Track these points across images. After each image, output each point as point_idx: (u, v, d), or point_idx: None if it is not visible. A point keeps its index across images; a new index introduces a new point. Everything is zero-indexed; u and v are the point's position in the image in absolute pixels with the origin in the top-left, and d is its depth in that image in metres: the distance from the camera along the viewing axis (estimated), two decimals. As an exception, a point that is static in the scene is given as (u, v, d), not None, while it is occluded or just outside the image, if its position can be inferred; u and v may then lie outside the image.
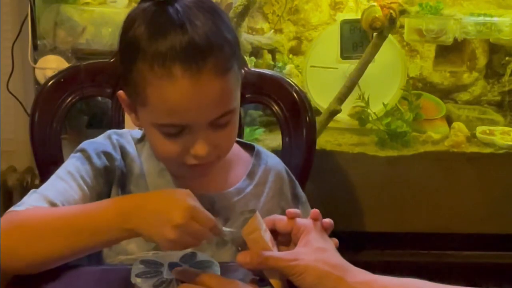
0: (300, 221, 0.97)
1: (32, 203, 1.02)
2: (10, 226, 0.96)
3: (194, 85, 0.98)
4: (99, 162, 1.11)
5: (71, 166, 1.11)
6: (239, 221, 0.95)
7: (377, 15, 2.02)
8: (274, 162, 1.24)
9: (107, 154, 1.13)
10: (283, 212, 1.12)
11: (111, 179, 1.12)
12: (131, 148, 1.16)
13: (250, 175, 1.19)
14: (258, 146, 1.25)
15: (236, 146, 1.20)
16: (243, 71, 1.11)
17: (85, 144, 1.15)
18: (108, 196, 1.11)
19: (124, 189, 1.13)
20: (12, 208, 1.01)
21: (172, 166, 1.12)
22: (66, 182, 1.07)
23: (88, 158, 1.11)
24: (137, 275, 0.95)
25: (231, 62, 1.02)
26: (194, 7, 1.02)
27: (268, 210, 1.16)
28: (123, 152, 1.15)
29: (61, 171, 1.10)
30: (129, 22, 1.04)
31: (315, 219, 0.97)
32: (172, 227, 0.89)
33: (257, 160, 1.22)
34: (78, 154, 1.13)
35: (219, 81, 1.00)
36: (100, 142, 1.15)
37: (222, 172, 1.16)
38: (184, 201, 0.91)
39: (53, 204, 1.02)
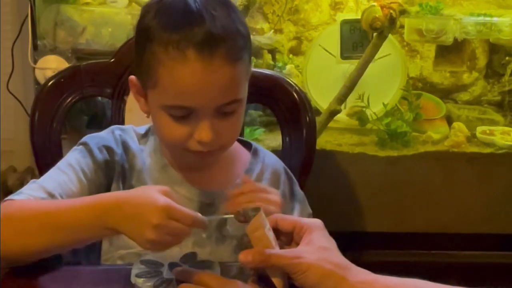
0: (302, 220, 0.98)
1: (30, 192, 1.04)
2: (1, 217, 0.97)
3: (205, 68, 1.00)
4: (100, 155, 1.13)
5: (72, 158, 1.12)
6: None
7: (377, 15, 2.02)
8: (272, 160, 1.25)
9: (109, 149, 1.14)
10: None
11: (111, 173, 1.13)
12: (133, 143, 1.17)
13: (248, 172, 1.20)
14: (255, 144, 1.26)
15: (235, 144, 1.22)
16: (252, 68, 1.12)
17: (87, 138, 1.16)
18: (108, 189, 1.12)
19: (125, 184, 1.14)
20: (10, 196, 1.03)
21: (176, 152, 1.13)
22: (66, 174, 1.09)
23: (89, 151, 1.13)
24: (137, 275, 0.95)
25: (242, 52, 1.05)
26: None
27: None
28: (125, 147, 1.16)
29: (62, 163, 1.12)
30: (147, 8, 1.07)
31: None
32: (151, 229, 0.90)
33: (254, 157, 1.23)
34: (80, 147, 1.14)
35: (230, 68, 1.02)
36: (102, 136, 1.17)
37: (223, 169, 1.18)
38: (159, 200, 0.91)
39: (51, 195, 1.04)
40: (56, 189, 1.05)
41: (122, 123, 1.39)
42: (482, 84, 2.40)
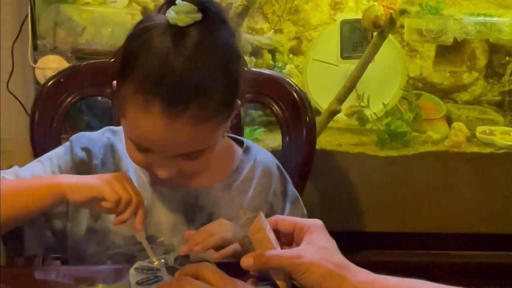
0: (303, 221, 0.97)
1: (3, 175, 1.11)
2: None
3: (168, 126, 0.98)
4: (79, 155, 1.16)
5: (54, 153, 1.18)
6: (242, 221, 0.95)
7: (379, 14, 2.02)
8: (264, 158, 1.23)
9: (89, 151, 1.17)
10: (271, 208, 1.16)
11: (84, 174, 1.14)
12: (121, 146, 1.17)
13: (238, 170, 1.19)
14: (249, 142, 1.25)
15: (228, 141, 1.22)
16: (239, 102, 1.07)
17: (75, 136, 1.19)
18: None
19: None
20: None
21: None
22: (43, 166, 1.15)
23: (71, 149, 1.17)
24: (139, 283, 0.95)
25: (216, 111, 1.00)
26: (207, 44, 0.99)
27: (255, 206, 1.17)
28: (112, 150, 1.17)
29: (45, 155, 1.18)
30: (142, 31, 1.02)
31: None
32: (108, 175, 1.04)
33: (245, 155, 1.21)
34: (67, 143, 1.19)
35: (194, 130, 0.99)
36: (89, 137, 1.19)
37: (211, 166, 1.15)
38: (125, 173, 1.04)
39: None
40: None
41: (122, 123, 1.39)
42: (482, 84, 2.40)
